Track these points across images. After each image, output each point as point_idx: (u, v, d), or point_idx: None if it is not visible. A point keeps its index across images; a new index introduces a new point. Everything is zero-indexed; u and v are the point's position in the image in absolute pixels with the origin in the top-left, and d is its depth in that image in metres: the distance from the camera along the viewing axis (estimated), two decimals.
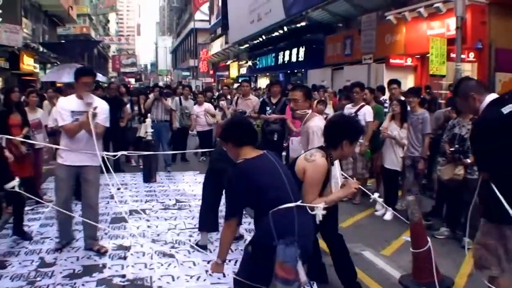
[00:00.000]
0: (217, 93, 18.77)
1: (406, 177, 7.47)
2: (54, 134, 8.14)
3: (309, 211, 3.48)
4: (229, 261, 5.39)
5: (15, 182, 5.44)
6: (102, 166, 5.73)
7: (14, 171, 6.00)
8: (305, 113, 5.08)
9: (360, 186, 4.30)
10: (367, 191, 4.75)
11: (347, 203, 8.38)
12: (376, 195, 4.40)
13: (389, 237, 6.55)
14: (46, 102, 10.52)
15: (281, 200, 3.32)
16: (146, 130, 10.18)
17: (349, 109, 8.51)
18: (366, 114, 8.26)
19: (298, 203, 3.37)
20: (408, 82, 16.24)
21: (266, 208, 3.31)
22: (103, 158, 5.87)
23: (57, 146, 6.06)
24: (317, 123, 4.93)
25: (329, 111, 9.89)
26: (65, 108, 5.63)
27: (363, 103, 8.42)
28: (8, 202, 5.90)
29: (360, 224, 7.30)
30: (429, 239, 4.84)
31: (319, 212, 3.47)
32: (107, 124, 5.84)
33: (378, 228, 7.08)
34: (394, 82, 8.78)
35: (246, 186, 3.35)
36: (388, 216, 7.42)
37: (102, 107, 5.70)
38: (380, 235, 6.12)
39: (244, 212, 6.60)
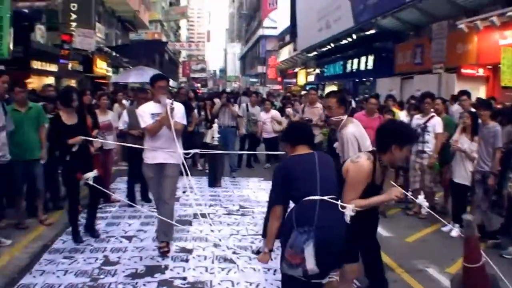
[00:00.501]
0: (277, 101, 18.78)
1: (475, 193, 7.21)
2: (123, 136, 8.38)
3: (340, 209, 3.66)
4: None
5: (92, 173, 6.23)
6: (181, 166, 6.02)
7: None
8: (340, 119, 5.15)
9: (412, 197, 4.25)
10: (410, 196, 4.58)
11: (413, 217, 8.20)
12: (421, 197, 4.24)
13: (455, 254, 6.28)
14: (116, 105, 10.87)
15: (307, 193, 3.64)
16: (212, 135, 10.30)
17: (417, 120, 8.33)
18: (436, 125, 8.06)
19: (324, 197, 3.61)
20: (480, 93, 15.71)
21: (296, 199, 3.69)
22: (183, 156, 6.19)
23: (130, 145, 7.00)
24: (351, 130, 5.00)
25: (404, 118, 9.62)
26: (145, 111, 6.14)
27: (432, 114, 8.21)
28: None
29: (425, 240, 7.11)
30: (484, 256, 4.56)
31: (348, 212, 3.63)
32: (184, 122, 6.34)
33: (444, 244, 6.87)
34: (464, 93, 8.52)
35: (283, 176, 3.75)
36: (455, 232, 7.17)
37: (178, 107, 6.19)
38: (446, 252, 5.93)
39: None
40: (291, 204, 3.84)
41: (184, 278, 5.37)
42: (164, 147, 6.05)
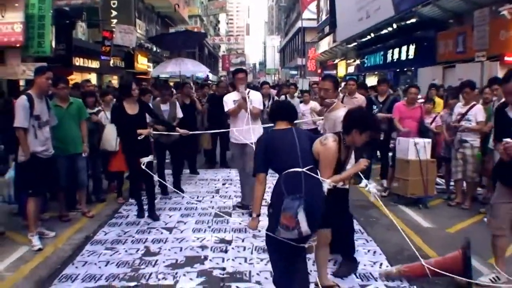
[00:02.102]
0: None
1: None
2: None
3: (321, 180, 4.13)
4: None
5: (148, 158, 7.02)
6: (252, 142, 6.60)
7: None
8: (333, 102, 5.52)
9: (367, 182, 4.83)
10: (364, 178, 4.80)
11: (455, 208, 8.04)
12: (371, 185, 4.71)
13: None
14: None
15: (290, 164, 4.06)
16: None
17: (459, 108, 8.14)
18: (477, 113, 7.85)
19: (305, 169, 4.04)
20: None
21: (280, 170, 4.12)
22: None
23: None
24: (341, 114, 5.10)
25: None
26: (229, 99, 7.68)
27: (474, 102, 8.01)
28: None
29: (468, 230, 6.94)
30: None
31: (326, 185, 4.10)
32: (261, 107, 7.74)
33: (487, 235, 6.66)
34: (495, 81, 8.25)
35: (265, 147, 4.19)
36: None
37: (256, 95, 7.74)
38: (489, 243, 5.75)
39: None
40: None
41: (223, 269, 5.40)
42: (244, 127, 7.37)
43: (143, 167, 6.91)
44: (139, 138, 7.00)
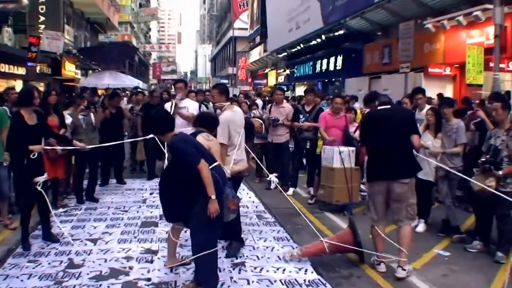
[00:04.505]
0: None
1: (440, 188, 7.30)
2: None
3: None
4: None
5: (42, 178, 6.31)
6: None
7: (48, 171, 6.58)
8: (221, 105, 6.36)
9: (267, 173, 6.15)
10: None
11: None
12: (273, 175, 6.50)
13: (420, 249, 6.39)
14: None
15: (212, 160, 4.92)
16: None
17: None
18: None
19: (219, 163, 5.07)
20: (447, 91, 15.94)
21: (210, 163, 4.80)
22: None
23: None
24: (224, 115, 6.19)
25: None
26: (167, 107, 8.09)
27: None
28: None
29: (390, 235, 7.14)
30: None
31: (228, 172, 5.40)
32: (195, 113, 7.82)
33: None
34: (419, 91, 8.59)
35: (190, 143, 4.84)
36: (421, 228, 7.28)
37: (192, 104, 8.62)
38: (411, 247, 5.95)
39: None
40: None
41: (149, 279, 5.31)
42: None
43: (39, 188, 6.24)
44: (31, 156, 6.22)
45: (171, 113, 7.32)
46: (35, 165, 6.29)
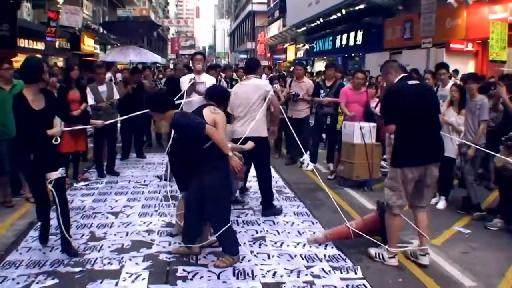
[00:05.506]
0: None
1: (462, 166, 7.22)
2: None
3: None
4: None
5: (55, 174, 5.16)
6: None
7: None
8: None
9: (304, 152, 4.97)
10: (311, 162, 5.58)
11: None
12: (306, 156, 6.40)
13: (441, 226, 6.35)
14: None
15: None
16: None
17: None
18: None
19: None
20: (469, 67, 15.72)
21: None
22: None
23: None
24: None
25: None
26: (185, 79, 7.91)
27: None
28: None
29: (411, 212, 7.12)
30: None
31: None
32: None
33: (430, 216, 6.87)
34: (442, 66, 8.44)
35: (191, 116, 4.97)
36: (441, 205, 7.22)
37: (210, 79, 8.09)
38: (432, 224, 5.93)
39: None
40: None
41: (170, 252, 5.35)
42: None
43: (50, 187, 5.14)
44: (53, 141, 5.10)
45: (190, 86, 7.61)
46: (49, 156, 5.13)
